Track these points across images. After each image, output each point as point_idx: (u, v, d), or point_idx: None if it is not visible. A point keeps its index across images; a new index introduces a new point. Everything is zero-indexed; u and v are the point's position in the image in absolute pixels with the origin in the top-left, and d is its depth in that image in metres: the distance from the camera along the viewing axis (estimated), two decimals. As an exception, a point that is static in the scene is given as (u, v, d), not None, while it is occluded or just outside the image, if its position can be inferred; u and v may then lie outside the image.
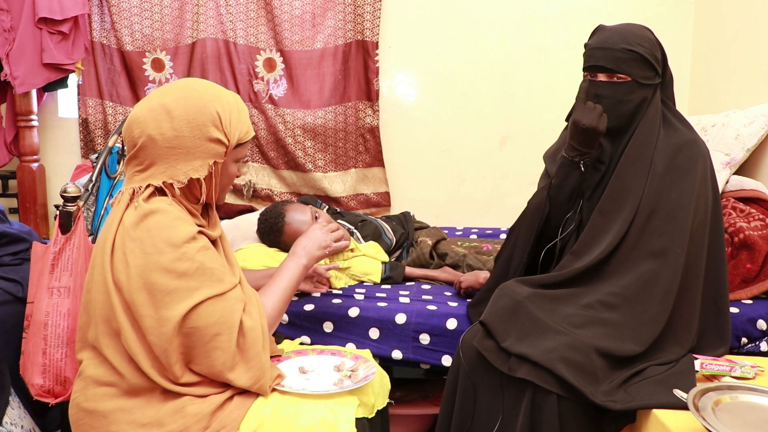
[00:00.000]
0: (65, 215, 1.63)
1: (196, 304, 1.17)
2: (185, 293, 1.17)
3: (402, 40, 2.90)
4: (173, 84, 1.29)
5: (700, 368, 1.32)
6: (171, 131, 1.20)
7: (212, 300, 1.19)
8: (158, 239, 1.16)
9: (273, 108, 2.91)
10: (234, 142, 1.26)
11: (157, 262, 1.16)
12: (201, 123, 1.21)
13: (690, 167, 1.47)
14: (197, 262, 1.18)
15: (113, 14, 2.87)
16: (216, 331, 1.19)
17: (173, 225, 1.18)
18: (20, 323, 1.61)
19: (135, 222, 1.18)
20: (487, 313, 1.43)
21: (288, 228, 1.95)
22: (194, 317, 1.17)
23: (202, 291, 1.18)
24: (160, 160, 1.21)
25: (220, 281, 1.21)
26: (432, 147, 2.96)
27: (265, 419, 1.22)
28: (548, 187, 1.57)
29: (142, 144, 1.21)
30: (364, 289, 1.95)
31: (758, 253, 1.71)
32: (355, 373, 1.40)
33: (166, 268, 1.16)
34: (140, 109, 1.23)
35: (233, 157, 1.30)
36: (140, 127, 1.21)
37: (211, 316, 1.18)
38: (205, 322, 1.18)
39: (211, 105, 1.22)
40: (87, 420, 1.22)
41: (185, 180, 1.22)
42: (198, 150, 1.22)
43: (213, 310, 1.19)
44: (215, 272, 1.21)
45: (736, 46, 2.44)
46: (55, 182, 2.96)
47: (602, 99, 1.48)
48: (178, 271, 1.16)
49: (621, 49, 1.44)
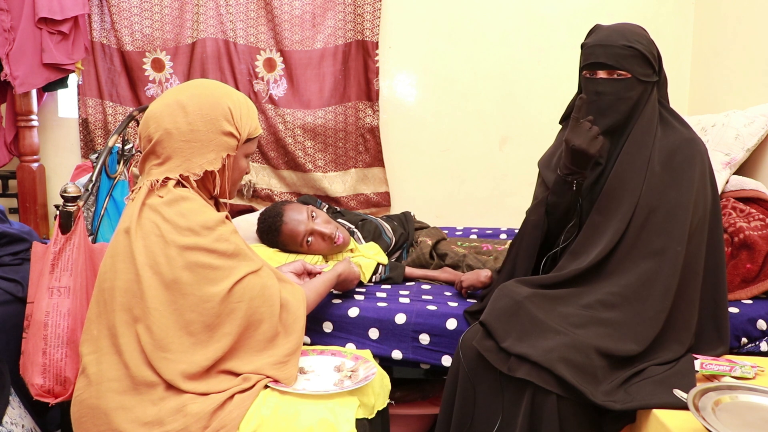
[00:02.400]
0: (65, 215, 1.63)
1: (237, 280, 1.26)
2: (227, 271, 1.26)
3: (402, 40, 2.90)
4: (186, 83, 1.36)
5: (700, 368, 1.32)
6: (186, 125, 1.26)
7: (250, 276, 1.29)
8: (194, 222, 1.24)
9: (273, 108, 2.91)
10: (245, 136, 1.33)
11: (196, 243, 1.23)
12: (214, 117, 1.28)
13: (688, 166, 1.47)
14: (233, 243, 1.28)
15: (113, 14, 2.87)
16: (259, 303, 1.29)
17: (203, 210, 1.27)
18: (20, 323, 1.61)
19: (167, 205, 1.24)
20: (486, 313, 1.43)
21: (285, 228, 1.95)
22: (239, 291, 1.26)
23: (241, 269, 1.28)
24: (176, 154, 1.27)
25: (252, 260, 1.32)
26: (432, 147, 2.96)
27: (265, 419, 1.22)
28: (545, 203, 1.57)
29: (159, 138, 1.27)
30: (364, 289, 1.95)
31: (758, 253, 1.71)
32: (356, 374, 1.40)
33: (207, 248, 1.24)
34: (156, 106, 1.30)
35: (244, 152, 1.37)
36: (156, 122, 1.28)
37: (253, 290, 1.29)
38: (250, 295, 1.28)
39: (223, 100, 1.30)
40: (89, 417, 1.22)
41: (201, 172, 1.29)
42: (212, 143, 1.28)
43: (254, 284, 1.29)
44: (248, 252, 1.32)
45: (736, 46, 2.43)
46: (55, 182, 2.96)
47: (603, 96, 1.48)
48: (219, 251, 1.25)
49: (621, 45, 1.44)
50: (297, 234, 1.95)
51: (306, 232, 1.95)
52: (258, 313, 1.29)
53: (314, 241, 1.96)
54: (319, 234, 1.96)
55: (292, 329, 1.34)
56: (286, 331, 1.33)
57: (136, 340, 1.22)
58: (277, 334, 1.32)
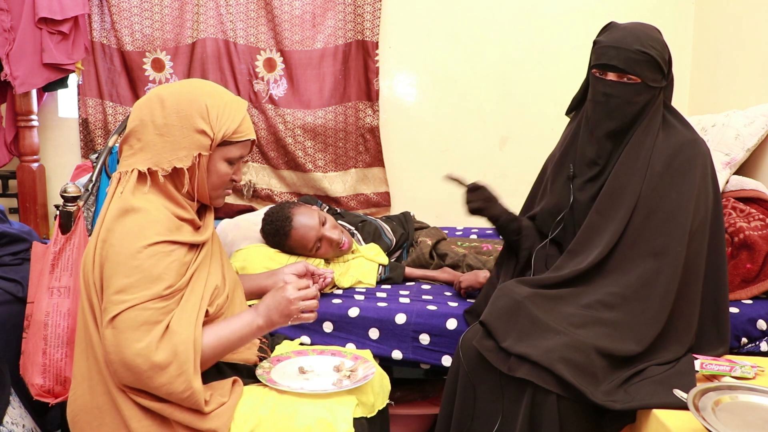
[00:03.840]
0: (65, 215, 1.63)
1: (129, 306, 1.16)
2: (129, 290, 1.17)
3: (402, 40, 2.90)
4: (178, 81, 1.36)
5: (700, 368, 1.32)
6: (161, 118, 1.25)
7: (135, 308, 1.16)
8: (126, 246, 1.18)
9: (273, 108, 2.91)
10: (219, 137, 1.27)
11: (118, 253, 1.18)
12: (189, 114, 1.25)
13: (690, 167, 1.46)
14: (143, 271, 1.18)
15: (113, 14, 2.87)
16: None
17: (142, 230, 1.20)
18: (20, 323, 1.61)
19: (114, 219, 1.22)
20: (486, 313, 1.43)
21: (296, 233, 1.91)
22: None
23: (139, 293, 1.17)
24: (148, 147, 1.26)
25: (155, 288, 1.19)
26: (432, 147, 2.95)
27: (263, 418, 1.22)
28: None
29: (133, 128, 1.27)
30: (364, 289, 1.95)
31: (758, 253, 1.71)
32: (354, 373, 1.40)
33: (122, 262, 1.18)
34: (141, 99, 1.31)
35: (222, 155, 1.30)
36: (136, 113, 1.28)
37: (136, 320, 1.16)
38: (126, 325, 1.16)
39: (202, 98, 1.27)
40: (83, 417, 1.23)
41: (169, 168, 1.25)
42: (184, 140, 1.25)
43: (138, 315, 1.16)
44: (160, 280, 1.19)
45: (736, 46, 2.43)
46: (55, 182, 2.96)
47: (610, 98, 1.47)
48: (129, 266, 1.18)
49: (635, 50, 1.42)
50: (308, 240, 1.91)
51: (317, 239, 1.92)
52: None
53: (322, 246, 1.95)
54: (328, 240, 1.94)
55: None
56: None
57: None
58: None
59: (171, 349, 1.15)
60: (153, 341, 1.14)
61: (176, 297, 1.22)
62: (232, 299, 1.39)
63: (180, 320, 1.20)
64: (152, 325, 1.16)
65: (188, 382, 1.16)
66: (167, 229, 1.22)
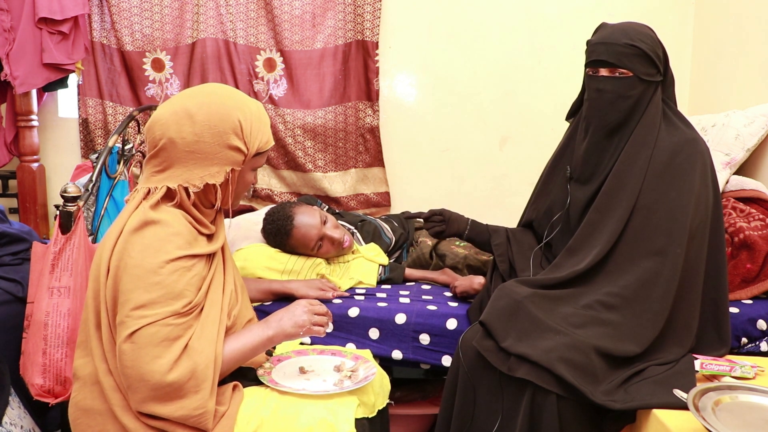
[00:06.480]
0: (65, 215, 1.63)
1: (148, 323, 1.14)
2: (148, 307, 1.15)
3: (402, 40, 2.90)
4: (198, 88, 1.30)
5: (700, 368, 1.32)
6: (192, 136, 1.21)
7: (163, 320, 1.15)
8: (145, 260, 1.16)
9: (273, 108, 2.91)
10: (253, 151, 1.26)
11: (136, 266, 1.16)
12: (222, 130, 1.22)
13: (690, 167, 1.47)
14: (165, 287, 1.16)
15: (113, 14, 2.87)
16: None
17: (162, 243, 1.18)
18: (20, 323, 1.61)
19: (135, 227, 1.19)
20: (486, 313, 1.43)
21: (297, 232, 1.92)
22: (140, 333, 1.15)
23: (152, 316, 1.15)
24: (178, 163, 1.22)
25: (176, 304, 1.18)
26: (432, 147, 2.95)
27: (265, 419, 1.23)
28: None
29: (162, 146, 1.22)
30: (364, 289, 1.95)
31: (758, 253, 1.71)
32: (355, 374, 1.40)
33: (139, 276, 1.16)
34: (163, 111, 1.24)
35: (251, 166, 1.31)
36: (162, 129, 1.22)
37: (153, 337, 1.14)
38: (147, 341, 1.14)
39: (234, 113, 1.23)
40: (84, 419, 1.22)
41: (201, 185, 1.23)
42: (216, 156, 1.23)
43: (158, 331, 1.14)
44: (182, 296, 1.18)
45: (736, 46, 2.43)
46: (55, 182, 2.95)
47: (603, 93, 1.49)
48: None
49: (623, 44, 1.44)
50: (310, 239, 1.92)
51: (318, 237, 1.93)
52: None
53: (323, 245, 1.95)
54: (329, 239, 1.95)
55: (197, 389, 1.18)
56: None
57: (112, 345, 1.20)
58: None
59: (190, 367, 1.15)
60: (172, 358, 1.14)
61: (195, 312, 1.21)
62: (241, 303, 1.40)
63: (201, 337, 1.19)
64: (172, 341, 1.15)
65: (203, 400, 1.16)
66: (187, 242, 1.21)
